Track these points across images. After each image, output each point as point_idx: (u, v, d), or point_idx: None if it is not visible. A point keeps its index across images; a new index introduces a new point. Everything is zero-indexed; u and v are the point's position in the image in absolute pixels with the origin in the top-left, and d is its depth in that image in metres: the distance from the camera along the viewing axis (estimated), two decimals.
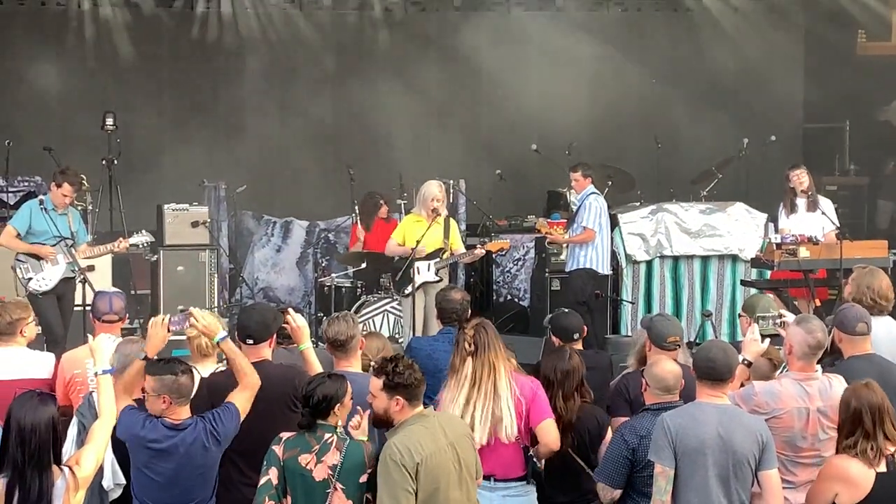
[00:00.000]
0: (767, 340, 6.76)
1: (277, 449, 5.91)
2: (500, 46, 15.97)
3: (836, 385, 6.35)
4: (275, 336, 6.79)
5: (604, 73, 15.78)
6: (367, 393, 5.94)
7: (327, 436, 5.89)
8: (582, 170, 12.07)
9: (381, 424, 5.86)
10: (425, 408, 5.96)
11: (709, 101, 16.29)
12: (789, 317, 6.87)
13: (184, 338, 7.10)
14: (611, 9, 16.40)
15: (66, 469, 5.48)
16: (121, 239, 11.03)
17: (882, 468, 5.86)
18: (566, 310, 7.93)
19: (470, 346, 6.62)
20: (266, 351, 6.71)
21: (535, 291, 13.47)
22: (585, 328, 7.79)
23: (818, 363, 6.52)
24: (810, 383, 6.40)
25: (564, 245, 12.28)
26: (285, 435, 5.98)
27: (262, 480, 5.90)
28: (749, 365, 6.64)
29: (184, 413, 6.13)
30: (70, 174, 10.88)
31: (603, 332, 12.15)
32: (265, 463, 5.93)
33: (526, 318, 13.51)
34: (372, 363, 7.36)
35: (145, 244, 11.14)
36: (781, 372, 6.78)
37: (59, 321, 10.70)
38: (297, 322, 6.78)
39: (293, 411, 6.28)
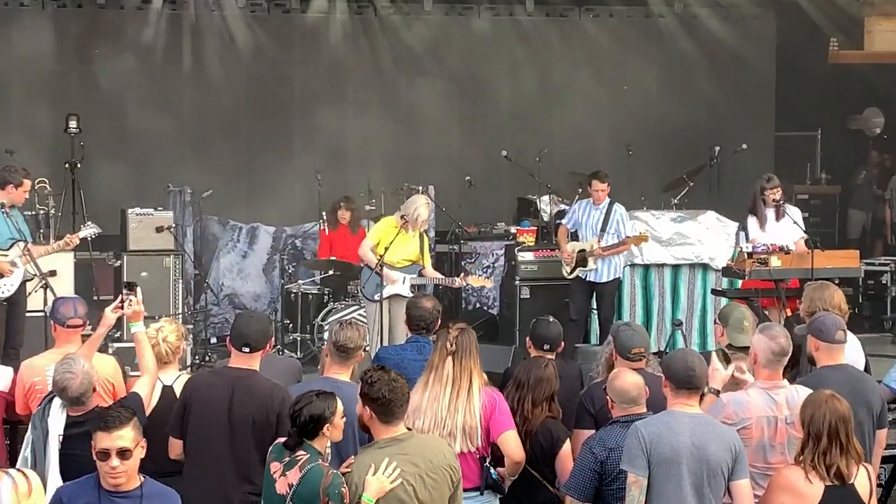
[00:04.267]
0: (732, 366, 6.63)
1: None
2: (469, 52, 15.92)
3: (804, 394, 6.26)
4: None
5: (574, 79, 15.72)
6: (352, 402, 5.86)
7: (300, 453, 5.74)
8: (608, 179, 11.86)
9: (364, 430, 5.79)
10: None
11: (680, 108, 16.27)
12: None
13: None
14: (582, 14, 16.36)
15: (12, 471, 5.36)
16: (68, 235, 10.82)
17: (831, 482, 5.80)
18: (551, 318, 7.79)
19: (451, 345, 6.60)
20: (258, 361, 6.62)
21: (505, 300, 13.37)
22: (563, 343, 7.67)
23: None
24: (777, 392, 6.37)
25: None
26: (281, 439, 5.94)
27: None
28: (717, 394, 6.51)
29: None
30: (23, 172, 10.69)
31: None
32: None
33: (495, 327, 13.38)
34: None
35: (93, 236, 10.92)
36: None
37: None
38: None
39: (263, 429, 6.31)
